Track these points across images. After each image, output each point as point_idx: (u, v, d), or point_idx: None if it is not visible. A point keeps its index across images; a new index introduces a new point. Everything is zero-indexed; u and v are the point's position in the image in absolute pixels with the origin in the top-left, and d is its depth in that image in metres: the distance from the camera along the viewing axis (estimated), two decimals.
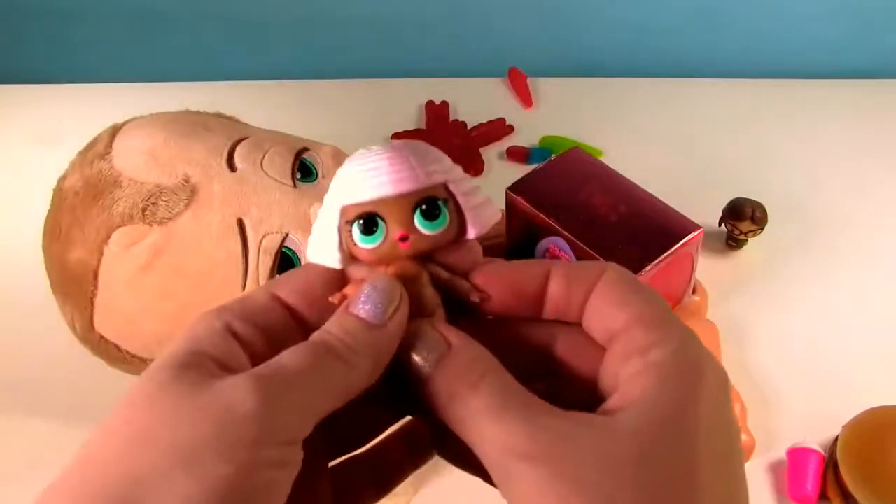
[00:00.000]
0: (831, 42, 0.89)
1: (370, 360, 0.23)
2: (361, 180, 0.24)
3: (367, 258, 0.25)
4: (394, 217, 0.24)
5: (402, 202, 0.24)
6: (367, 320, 0.23)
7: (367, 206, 0.24)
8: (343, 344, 0.23)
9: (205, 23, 0.94)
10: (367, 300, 0.24)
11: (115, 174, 0.48)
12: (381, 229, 0.24)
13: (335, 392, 0.23)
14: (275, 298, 0.25)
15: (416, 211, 0.24)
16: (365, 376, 0.23)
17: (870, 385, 0.58)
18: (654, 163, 0.73)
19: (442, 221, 0.24)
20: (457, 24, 0.92)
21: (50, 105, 0.89)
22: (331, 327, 0.24)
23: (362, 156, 0.25)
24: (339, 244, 0.25)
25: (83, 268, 0.48)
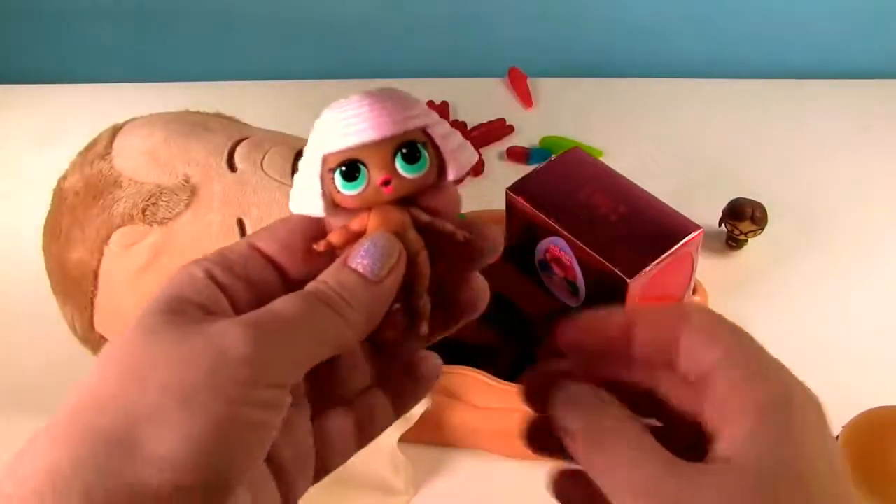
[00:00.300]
0: (831, 42, 0.89)
1: (364, 315, 0.24)
2: (341, 128, 0.24)
3: (350, 204, 0.25)
4: (375, 162, 0.24)
5: (382, 147, 0.24)
6: (365, 275, 0.24)
7: (349, 153, 0.24)
8: (338, 296, 0.23)
9: (205, 23, 0.94)
10: (366, 255, 0.24)
11: (116, 174, 0.48)
12: (364, 175, 0.24)
13: (327, 343, 0.23)
14: (254, 248, 0.25)
15: (396, 155, 0.24)
16: (358, 330, 0.24)
17: (870, 385, 0.58)
18: (654, 163, 0.73)
19: (423, 164, 0.25)
20: (457, 24, 0.92)
21: (50, 105, 0.89)
22: (327, 278, 0.24)
23: (340, 105, 0.25)
24: (322, 192, 0.25)
25: (83, 268, 0.48)
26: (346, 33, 0.94)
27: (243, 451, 0.21)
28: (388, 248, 0.24)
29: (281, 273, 0.25)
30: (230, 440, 0.21)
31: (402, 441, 0.52)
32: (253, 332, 0.21)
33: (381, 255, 0.24)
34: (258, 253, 0.25)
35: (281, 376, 0.22)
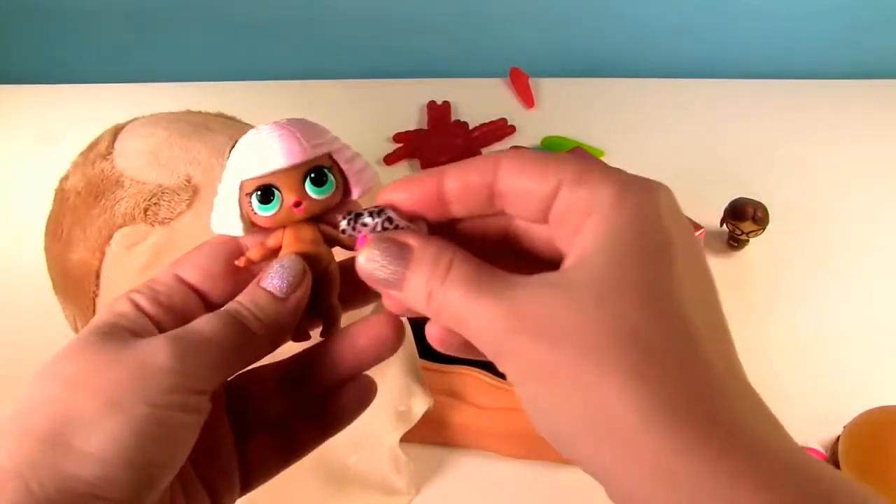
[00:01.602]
0: (831, 42, 0.89)
1: (274, 328, 0.27)
2: (256, 156, 0.27)
3: (266, 224, 0.28)
4: (287, 186, 0.27)
5: (293, 173, 0.27)
6: (274, 293, 0.27)
7: (264, 179, 0.27)
8: (251, 313, 0.26)
9: (205, 23, 0.94)
10: (276, 276, 0.27)
11: (117, 174, 0.48)
12: (277, 198, 0.27)
13: (240, 352, 0.26)
14: (177, 278, 0.28)
15: (306, 179, 0.27)
16: (269, 341, 0.27)
17: (871, 385, 0.58)
18: (655, 163, 0.73)
19: (329, 186, 0.28)
20: (459, 24, 0.92)
21: (51, 105, 0.89)
22: (241, 299, 0.27)
23: (254, 135, 0.28)
24: (241, 214, 0.28)
25: (85, 268, 0.48)
26: (347, 33, 0.94)
27: (167, 450, 0.24)
28: (295, 268, 0.27)
29: (203, 298, 0.28)
30: (154, 440, 0.23)
31: (404, 441, 0.52)
32: (173, 344, 0.24)
33: (288, 275, 0.27)
34: (181, 282, 0.28)
35: (200, 383, 0.25)
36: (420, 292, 0.25)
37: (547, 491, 0.53)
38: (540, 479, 0.53)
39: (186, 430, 0.25)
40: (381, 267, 0.25)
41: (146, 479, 0.23)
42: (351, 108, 0.86)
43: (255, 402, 0.30)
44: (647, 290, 0.22)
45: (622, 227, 0.23)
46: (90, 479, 0.23)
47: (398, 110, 0.85)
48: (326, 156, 0.28)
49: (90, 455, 0.23)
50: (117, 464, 0.23)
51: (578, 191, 0.24)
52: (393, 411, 0.52)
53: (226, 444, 0.29)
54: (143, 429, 0.23)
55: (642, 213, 0.24)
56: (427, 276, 0.24)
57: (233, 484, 0.29)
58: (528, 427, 0.30)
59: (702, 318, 0.23)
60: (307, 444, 0.30)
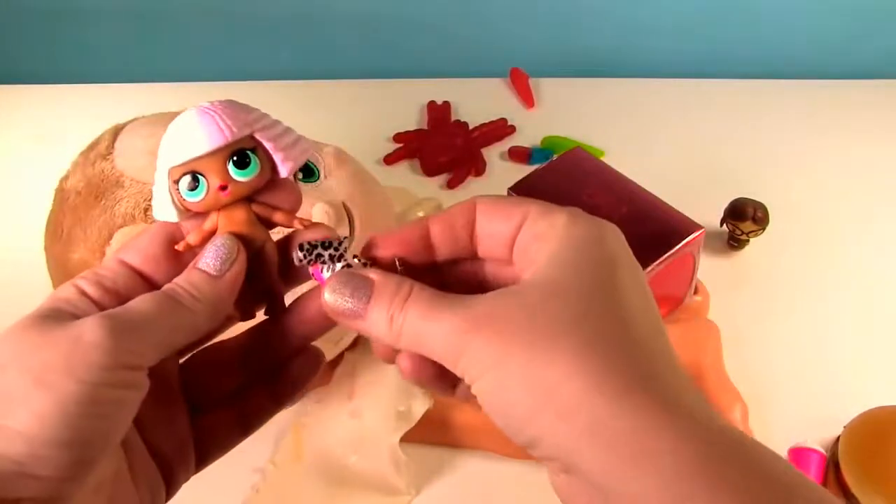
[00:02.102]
0: (831, 42, 0.89)
1: (210, 305, 0.28)
2: (179, 143, 0.28)
3: (197, 209, 0.29)
4: (211, 171, 0.28)
5: (215, 157, 0.28)
6: (208, 272, 0.28)
7: (188, 166, 0.28)
8: (186, 292, 0.27)
9: (205, 23, 0.94)
10: (209, 255, 0.28)
11: (117, 174, 0.48)
12: (203, 183, 0.28)
13: (179, 330, 0.27)
14: (122, 263, 0.29)
15: (229, 162, 0.28)
16: (206, 318, 0.28)
17: (871, 385, 0.58)
18: (655, 163, 0.73)
19: (253, 168, 0.28)
20: (458, 24, 0.92)
21: (51, 105, 0.89)
22: (178, 279, 0.28)
23: (179, 120, 0.28)
24: (173, 201, 0.29)
25: (85, 268, 0.48)
26: (347, 33, 0.94)
27: (100, 427, 0.24)
28: (228, 247, 0.28)
29: (148, 282, 0.29)
30: (85, 416, 0.24)
31: (404, 441, 0.52)
32: (107, 322, 0.25)
33: (221, 254, 0.28)
34: (126, 267, 0.29)
35: (135, 359, 0.25)
36: (382, 320, 0.26)
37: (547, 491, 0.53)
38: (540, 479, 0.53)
39: (121, 406, 0.25)
40: (345, 300, 0.27)
41: (78, 457, 0.24)
42: (351, 108, 0.86)
43: (209, 378, 0.31)
44: (590, 289, 0.25)
45: (571, 246, 0.26)
46: (17, 458, 0.23)
47: (398, 110, 0.85)
48: (249, 137, 0.28)
49: (17, 433, 0.23)
50: (45, 441, 0.23)
51: (537, 224, 0.27)
52: (393, 411, 0.52)
53: (180, 420, 0.30)
54: (73, 406, 0.23)
55: (591, 236, 0.27)
56: (388, 303, 0.26)
57: (188, 460, 0.30)
58: None
59: (642, 314, 0.26)
60: (261, 416, 0.32)
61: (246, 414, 0.31)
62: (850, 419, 0.52)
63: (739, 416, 0.54)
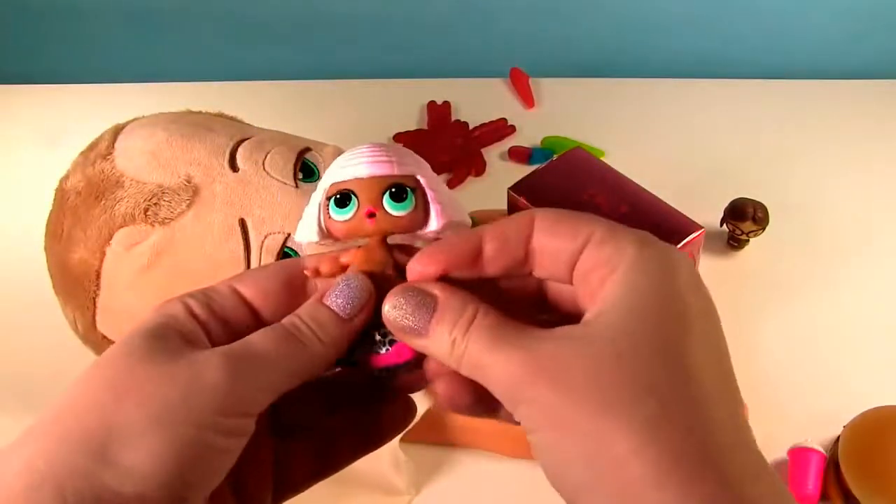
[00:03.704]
0: (831, 42, 0.89)
1: (333, 349, 0.26)
2: (344, 166, 0.28)
3: (339, 232, 0.28)
4: (365, 194, 0.27)
5: (373, 183, 0.27)
6: (337, 312, 0.26)
7: (344, 185, 0.28)
8: (310, 331, 0.26)
9: (205, 23, 0.94)
10: (340, 294, 0.26)
11: (117, 174, 0.48)
12: (354, 204, 0.27)
13: (296, 373, 0.25)
14: (235, 292, 0.27)
15: (385, 193, 0.27)
16: (325, 362, 0.26)
17: (871, 385, 0.58)
18: (655, 163, 0.73)
19: (407, 204, 0.28)
20: (459, 24, 0.92)
21: (52, 105, 0.89)
22: (302, 314, 0.26)
23: (350, 150, 0.29)
24: (318, 220, 0.28)
25: (85, 268, 0.48)
26: (347, 33, 0.94)
27: (205, 473, 0.23)
28: (361, 288, 0.26)
29: (256, 316, 0.27)
30: (194, 461, 0.23)
31: (404, 440, 0.52)
32: (229, 362, 0.24)
33: (354, 295, 0.26)
34: (238, 295, 0.27)
35: (251, 406, 0.24)
36: (444, 341, 0.25)
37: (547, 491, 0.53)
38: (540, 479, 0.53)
39: (227, 454, 0.24)
40: (407, 315, 0.25)
41: (179, 498, 0.23)
42: (351, 108, 0.86)
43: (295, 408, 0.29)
44: (664, 349, 0.23)
45: (643, 286, 0.24)
46: (126, 495, 0.22)
47: (398, 110, 0.85)
48: (412, 177, 0.28)
49: (129, 470, 0.22)
50: (154, 482, 0.22)
51: (603, 248, 0.25)
52: None
53: (265, 455, 0.28)
54: (186, 450, 0.23)
55: (664, 273, 0.24)
56: (451, 325, 0.25)
57: (265, 495, 0.28)
58: None
59: (714, 381, 0.23)
60: (341, 459, 0.30)
61: (326, 454, 0.30)
62: (850, 419, 0.52)
63: None
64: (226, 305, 0.27)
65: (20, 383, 0.62)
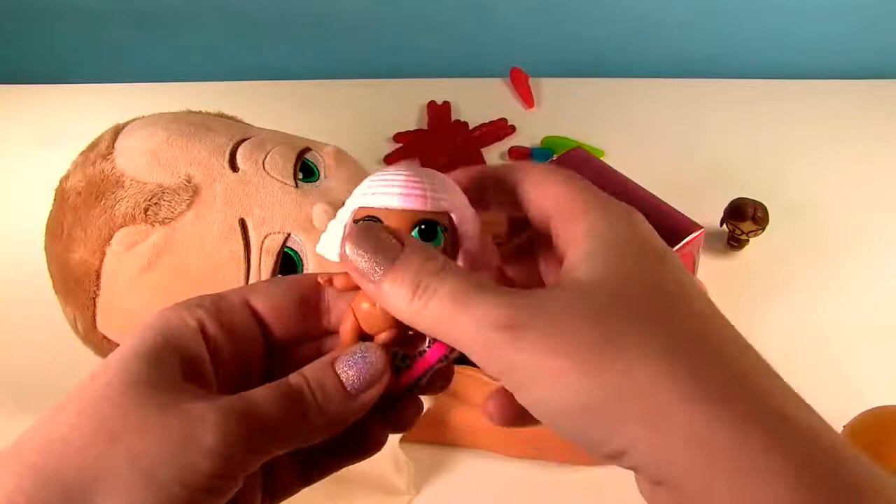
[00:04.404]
0: (831, 42, 0.89)
1: (336, 424, 0.25)
2: (378, 189, 0.26)
3: None
4: (393, 227, 0.25)
5: (404, 216, 0.25)
6: (347, 388, 0.25)
7: (375, 212, 0.26)
8: (315, 402, 0.24)
9: (205, 23, 0.94)
10: (353, 366, 0.25)
11: (118, 174, 0.48)
12: None
13: (292, 442, 0.24)
14: (247, 305, 0.26)
15: (415, 228, 0.25)
16: (326, 434, 0.25)
17: (871, 385, 0.58)
18: (655, 163, 0.73)
19: (436, 244, 0.26)
20: (459, 24, 0.92)
21: (52, 105, 0.89)
22: (310, 375, 0.25)
23: (389, 169, 0.27)
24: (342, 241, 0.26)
25: (85, 268, 0.48)
26: (347, 33, 0.94)
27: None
28: (376, 363, 0.25)
29: (266, 330, 0.27)
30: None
31: (404, 441, 0.52)
32: (226, 423, 0.23)
33: (367, 372, 0.25)
34: (250, 308, 0.27)
35: (241, 470, 0.23)
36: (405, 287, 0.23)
37: (547, 491, 0.53)
38: (540, 479, 0.53)
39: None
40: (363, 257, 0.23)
41: None
42: (351, 108, 0.85)
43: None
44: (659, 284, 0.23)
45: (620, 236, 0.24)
46: None
47: (398, 110, 0.85)
48: (446, 214, 0.26)
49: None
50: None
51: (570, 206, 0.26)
52: None
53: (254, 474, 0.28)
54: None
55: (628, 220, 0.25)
56: (416, 270, 0.23)
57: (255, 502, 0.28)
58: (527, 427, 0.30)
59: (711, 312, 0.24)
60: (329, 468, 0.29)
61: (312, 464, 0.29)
62: (851, 419, 0.52)
63: None
64: (235, 319, 0.26)
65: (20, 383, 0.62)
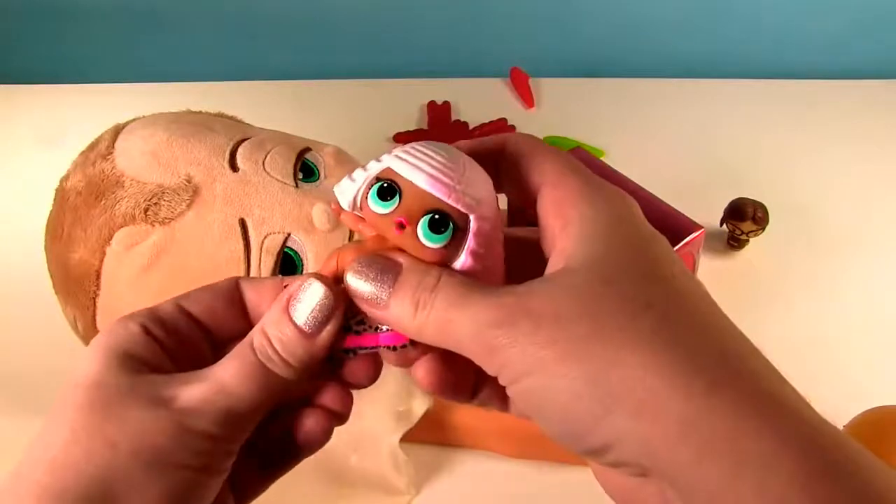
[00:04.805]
0: (831, 42, 0.89)
1: (304, 371, 0.26)
2: (413, 160, 0.25)
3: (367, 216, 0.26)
4: (408, 202, 0.25)
5: (423, 197, 0.25)
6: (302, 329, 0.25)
7: (399, 179, 0.25)
8: (279, 356, 0.25)
9: (205, 23, 0.94)
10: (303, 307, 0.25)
11: (118, 174, 0.48)
12: (392, 204, 0.25)
13: (270, 402, 0.26)
14: (181, 309, 0.27)
15: (428, 214, 0.25)
16: (297, 382, 0.26)
17: (871, 385, 0.58)
18: (655, 163, 0.73)
19: (440, 239, 0.25)
20: (458, 24, 0.92)
21: (52, 105, 0.89)
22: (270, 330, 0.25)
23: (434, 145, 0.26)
24: (357, 192, 0.26)
25: (85, 268, 0.48)
26: (347, 33, 0.94)
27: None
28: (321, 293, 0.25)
29: (206, 332, 0.27)
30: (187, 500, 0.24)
31: (404, 441, 0.52)
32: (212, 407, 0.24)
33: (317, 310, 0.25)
34: (184, 313, 0.27)
35: (233, 445, 0.25)
36: (407, 304, 0.24)
37: (547, 491, 0.53)
38: (540, 479, 0.53)
39: (211, 490, 0.25)
40: (367, 283, 0.25)
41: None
42: (351, 108, 0.85)
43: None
44: (645, 269, 0.23)
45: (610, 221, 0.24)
46: None
47: (398, 110, 0.85)
48: (465, 215, 0.25)
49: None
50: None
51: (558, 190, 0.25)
52: (393, 411, 0.52)
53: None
54: (181, 492, 0.24)
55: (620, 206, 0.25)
56: (415, 286, 0.24)
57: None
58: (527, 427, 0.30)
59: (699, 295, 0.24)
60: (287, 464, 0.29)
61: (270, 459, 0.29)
62: (850, 419, 0.52)
63: None
64: (177, 322, 0.27)
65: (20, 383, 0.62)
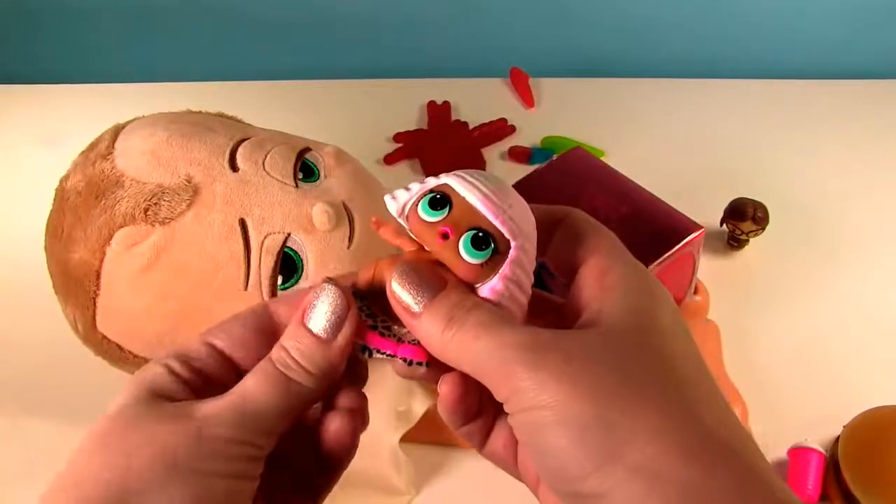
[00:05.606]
0: (831, 42, 0.89)
1: (324, 377, 0.26)
2: (469, 182, 0.26)
3: (412, 225, 0.27)
4: (457, 215, 0.26)
5: (471, 213, 0.26)
6: (318, 336, 0.26)
7: (452, 194, 0.26)
8: (297, 364, 0.26)
9: (205, 22, 0.94)
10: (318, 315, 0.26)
11: (118, 174, 0.48)
12: (440, 215, 0.26)
13: (294, 409, 0.26)
14: (210, 346, 0.27)
15: (473, 230, 0.26)
16: (320, 388, 0.26)
17: (871, 385, 0.58)
18: (655, 163, 0.73)
19: (479, 256, 0.26)
20: (458, 24, 0.92)
21: (52, 105, 0.89)
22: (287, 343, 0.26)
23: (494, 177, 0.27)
24: (409, 200, 0.27)
25: (85, 268, 0.48)
26: (347, 33, 0.94)
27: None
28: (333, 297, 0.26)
29: (235, 367, 0.28)
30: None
31: (404, 441, 0.52)
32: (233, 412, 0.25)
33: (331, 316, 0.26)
34: (213, 349, 0.27)
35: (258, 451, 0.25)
36: (440, 318, 0.25)
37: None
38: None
39: (241, 496, 0.25)
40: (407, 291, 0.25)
41: None
42: (351, 108, 0.86)
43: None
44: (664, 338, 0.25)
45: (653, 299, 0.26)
46: None
47: (398, 110, 0.85)
48: (507, 240, 0.26)
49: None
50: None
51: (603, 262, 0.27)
52: (393, 411, 0.52)
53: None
54: (205, 499, 0.23)
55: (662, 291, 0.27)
56: (453, 304, 0.25)
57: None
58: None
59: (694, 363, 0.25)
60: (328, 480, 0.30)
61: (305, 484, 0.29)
62: (850, 419, 0.52)
63: (739, 415, 0.54)
64: (204, 361, 0.27)
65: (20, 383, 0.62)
